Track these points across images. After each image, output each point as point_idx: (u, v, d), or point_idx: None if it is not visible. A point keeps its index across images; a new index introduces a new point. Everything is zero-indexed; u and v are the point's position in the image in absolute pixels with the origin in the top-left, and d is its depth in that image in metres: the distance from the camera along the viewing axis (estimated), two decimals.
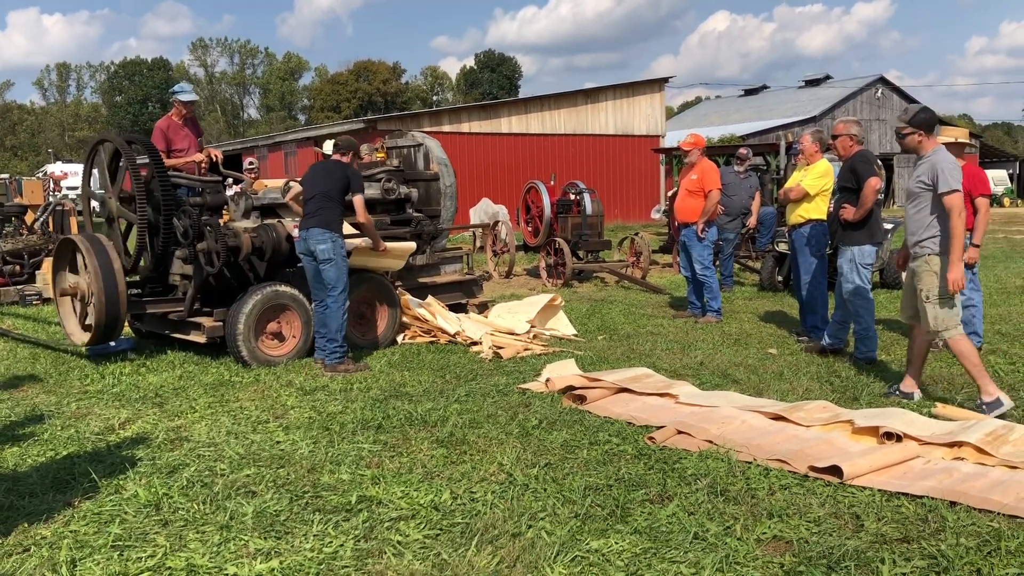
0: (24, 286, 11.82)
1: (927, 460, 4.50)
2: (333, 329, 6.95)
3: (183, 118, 8.80)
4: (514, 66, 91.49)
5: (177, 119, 8.75)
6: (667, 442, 4.91)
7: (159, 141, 8.51)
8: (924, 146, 5.72)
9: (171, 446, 5.06)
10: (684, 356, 7.44)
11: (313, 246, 6.90)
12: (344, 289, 7.00)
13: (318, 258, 6.91)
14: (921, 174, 5.69)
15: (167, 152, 8.47)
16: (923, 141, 5.72)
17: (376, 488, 4.26)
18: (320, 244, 6.88)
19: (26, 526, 3.88)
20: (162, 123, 8.78)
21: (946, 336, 5.63)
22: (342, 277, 6.98)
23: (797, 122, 38.71)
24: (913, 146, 5.78)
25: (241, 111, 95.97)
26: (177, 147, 8.62)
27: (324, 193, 6.99)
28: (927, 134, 5.72)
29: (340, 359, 6.97)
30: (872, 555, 3.42)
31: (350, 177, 7.11)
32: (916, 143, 5.74)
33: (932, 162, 5.62)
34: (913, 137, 5.74)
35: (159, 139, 8.55)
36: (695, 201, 9.29)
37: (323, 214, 6.95)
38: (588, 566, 3.40)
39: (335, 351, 6.96)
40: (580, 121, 28.90)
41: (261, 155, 34.21)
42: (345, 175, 7.10)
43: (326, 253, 6.89)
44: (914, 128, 5.71)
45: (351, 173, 7.17)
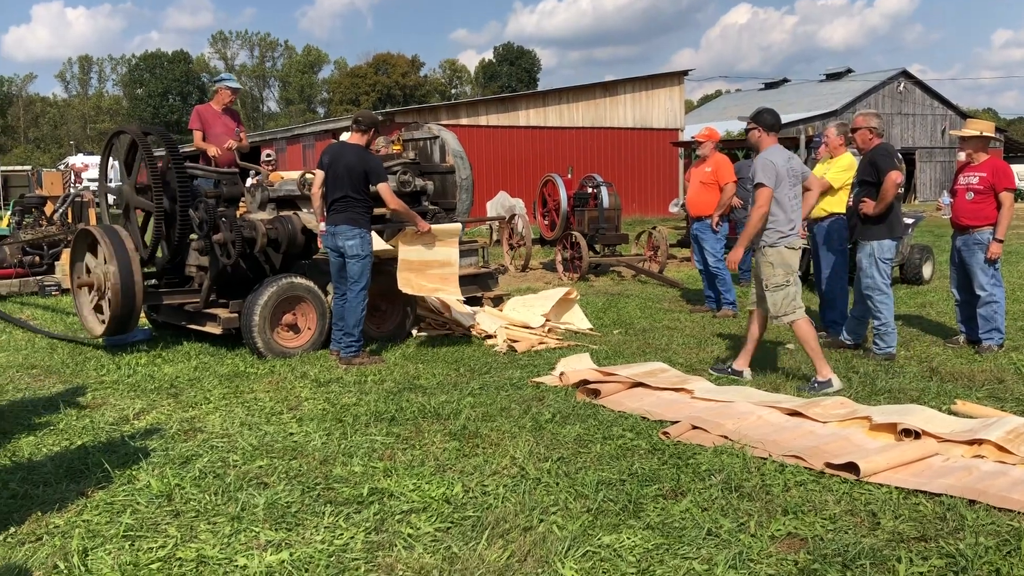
0: (43, 277, 11.91)
1: (946, 458, 4.43)
2: (351, 323, 6.94)
3: (224, 106, 8.90)
4: (533, 59, 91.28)
5: (217, 107, 8.87)
6: (682, 437, 4.86)
7: (195, 121, 8.70)
8: (763, 143, 6.28)
9: (185, 437, 5.07)
10: (700, 351, 7.39)
11: (341, 242, 6.88)
12: (366, 285, 6.96)
13: (346, 254, 6.89)
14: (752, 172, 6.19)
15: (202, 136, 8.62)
16: (762, 138, 6.28)
17: (388, 481, 4.24)
18: (349, 240, 6.85)
19: (39, 515, 3.89)
20: (201, 107, 8.95)
21: (786, 320, 6.15)
22: (366, 273, 6.94)
23: (818, 116, 38.38)
24: (754, 141, 6.40)
25: (261, 104, 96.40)
26: (212, 131, 8.70)
27: (350, 186, 6.89)
28: (766, 132, 6.26)
29: (356, 352, 6.96)
30: (888, 553, 3.37)
31: (368, 170, 6.96)
32: (756, 138, 6.35)
33: (759, 161, 6.15)
34: (754, 132, 6.35)
35: (195, 120, 8.73)
36: (709, 194, 9.23)
37: (350, 210, 6.90)
38: (599, 561, 3.37)
39: (351, 345, 6.95)
40: (598, 114, 28.78)
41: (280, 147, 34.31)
42: (364, 167, 6.96)
43: (354, 249, 6.86)
44: (756, 124, 6.33)
45: (370, 164, 7.01)
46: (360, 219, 6.92)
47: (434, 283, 7.46)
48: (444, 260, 7.48)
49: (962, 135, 7.44)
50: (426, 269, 7.42)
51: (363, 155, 7.05)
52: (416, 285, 7.38)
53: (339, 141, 7.32)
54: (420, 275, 7.39)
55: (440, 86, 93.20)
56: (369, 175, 6.96)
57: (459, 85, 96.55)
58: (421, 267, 7.41)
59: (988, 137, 7.31)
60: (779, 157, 6.14)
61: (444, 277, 7.46)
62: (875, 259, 6.93)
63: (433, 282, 7.45)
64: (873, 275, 6.93)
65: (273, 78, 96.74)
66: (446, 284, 7.48)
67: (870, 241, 6.96)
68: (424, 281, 7.42)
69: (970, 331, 7.41)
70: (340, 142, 7.21)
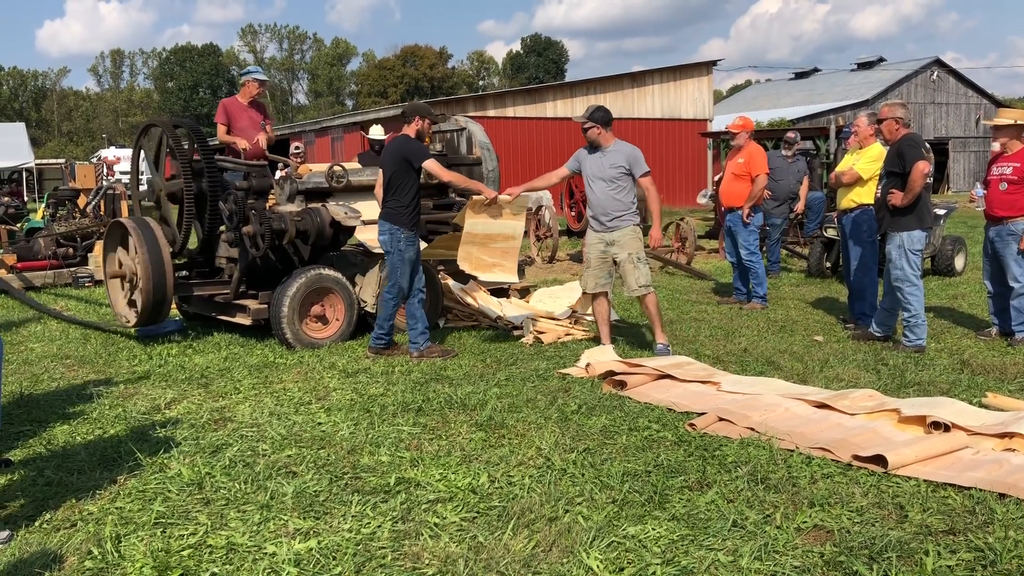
0: (77, 268, 12.09)
1: (976, 451, 4.39)
2: (382, 317, 6.96)
3: (251, 99, 8.84)
4: (561, 50, 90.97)
5: (244, 100, 8.82)
6: (708, 429, 4.86)
7: (221, 115, 8.64)
8: (604, 139, 6.85)
9: (215, 426, 5.14)
10: (728, 343, 7.36)
11: (378, 238, 6.95)
12: (396, 283, 6.84)
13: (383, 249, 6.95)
14: (616, 162, 6.78)
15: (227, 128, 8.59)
16: (602, 134, 6.82)
17: (415, 470, 4.28)
18: (381, 236, 6.89)
19: (74, 502, 3.98)
20: (227, 100, 8.88)
21: (644, 292, 6.83)
22: (398, 270, 6.81)
23: (849, 106, 37.94)
24: (594, 139, 6.85)
25: (290, 96, 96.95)
26: (238, 125, 8.67)
27: (392, 178, 6.84)
28: (605, 128, 6.81)
29: (385, 346, 6.99)
30: (916, 546, 3.35)
31: (407, 155, 6.77)
32: (596, 135, 6.83)
33: (627, 152, 6.80)
34: (593, 131, 6.82)
35: (221, 113, 8.66)
36: (741, 185, 9.16)
37: (387, 206, 6.87)
38: (624, 552, 3.38)
39: (380, 337, 6.96)
40: (626, 105, 28.65)
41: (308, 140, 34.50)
42: (403, 153, 6.79)
43: (385, 245, 6.88)
44: (593, 123, 6.79)
45: (409, 147, 6.83)
46: (393, 215, 6.81)
47: (495, 257, 7.33)
48: (509, 233, 7.33)
49: (995, 124, 7.33)
50: (489, 243, 7.29)
51: (403, 142, 6.92)
52: (476, 260, 7.27)
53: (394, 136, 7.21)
54: (482, 249, 7.27)
55: (468, 78, 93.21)
56: (410, 159, 6.77)
57: (487, 77, 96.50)
58: (485, 240, 7.26)
59: (1022, 126, 7.19)
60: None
61: (505, 251, 7.34)
62: (904, 250, 6.86)
63: (494, 256, 7.32)
64: (903, 266, 6.86)
65: (302, 71, 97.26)
66: (506, 259, 7.35)
67: (899, 232, 6.89)
68: (485, 256, 7.30)
69: (1003, 323, 7.31)
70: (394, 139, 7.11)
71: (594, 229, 7.00)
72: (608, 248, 6.90)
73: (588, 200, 7.04)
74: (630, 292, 6.93)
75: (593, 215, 6.98)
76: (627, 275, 6.85)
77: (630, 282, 6.86)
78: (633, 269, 6.83)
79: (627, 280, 6.88)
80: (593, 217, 6.99)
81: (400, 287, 6.87)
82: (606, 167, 6.84)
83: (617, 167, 6.82)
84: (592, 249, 7.00)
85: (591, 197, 6.96)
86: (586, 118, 6.84)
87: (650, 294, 6.89)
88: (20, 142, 36.14)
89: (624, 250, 6.84)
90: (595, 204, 6.92)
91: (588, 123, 6.82)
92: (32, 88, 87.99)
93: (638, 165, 6.84)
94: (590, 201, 6.99)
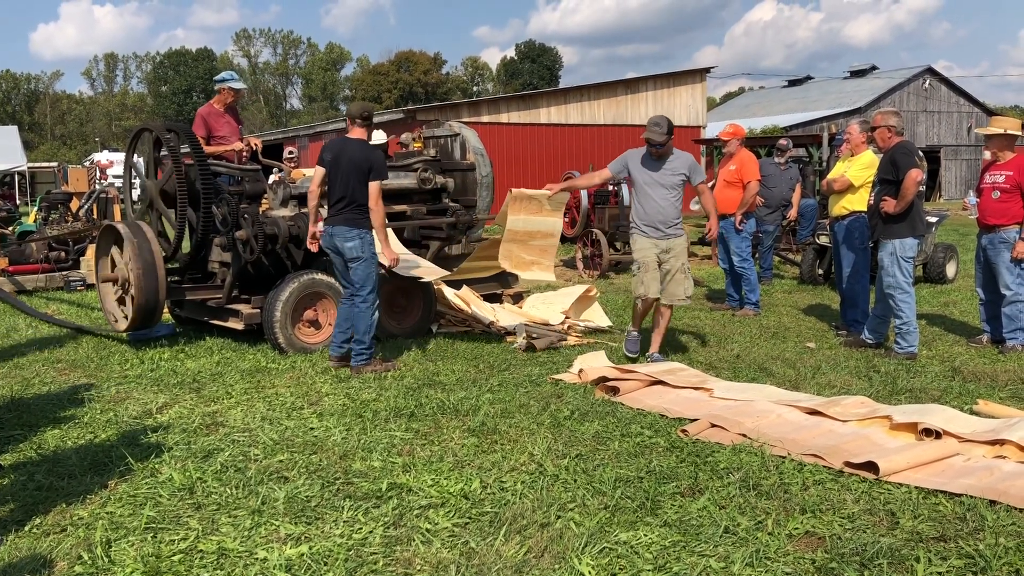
0: (69, 272, 12.05)
1: (967, 458, 4.40)
2: (362, 330, 6.59)
3: (226, 106, 8.82)
4: (555, 56, 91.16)
5: (219, 107, 8.77)
6: (700, 435, 4.86)
7: (199, 127, 8.53)
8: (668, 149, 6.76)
9: (207, 431, 5.12)
10: (720, 349, 7.37)
11: (340, 243, 6.54)
12: (373, 289, 6.61)
13: (345, 256, 6.57)
14: (679, 170, 6.76)
15: (207, 139, 8.51)
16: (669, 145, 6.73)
17: (407, 476, 4.27)
18: (348, 242, 6.52)
19: (64, 506, 3.96)
20: (204, 110, 8.82)
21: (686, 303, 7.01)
22: (372, 276, 6.62)
23: (841, 113, 38.06)
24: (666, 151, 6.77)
25: (284, 101, 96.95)
26: (218, 134, 8.66)
27: (354, 184, 6.52)
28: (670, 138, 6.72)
29: (367, 361, 6.63)
30: (907, 553, 3.36)
31: (372, 166, 6.56)
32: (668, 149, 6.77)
33: (689, 161, 6.82)
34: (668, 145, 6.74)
35: (200, 125, 8.57)
36: (733, 192, 9.18)
37: (350, 209, 6.54)
38: (616, 558, 3.38)
39: (362, 352, 6.61)
40: (620, 111, 28.69)
41: (303, 145, 34.45)
42: (370, 163, 6.56)
43: (354, 251, 6.52)
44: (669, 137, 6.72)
45: (376, 160, 6.63)
46: (360, 219, 6.56)
47: (533, 255, 7.31)
48: (548, 231, 7.35)
49: (987, 133, 7.37)
50: (529, 240, 7.28)
51: (369, 150, 6.69)
52: (516, 258, 7.26)
53: (341, 136, 6.86)
54: (522, 246, 7.26)
55: (462, 83, 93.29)
56: (372, 171, 6.55)
57: (481, 82, 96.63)
58: (526, 237, 7.27)
59: (1013, 135, 7.24)
60: None
61: (544, 249, 7.33)
62: (897, 258, 6.88)
63: (533, 254, 7.31)
64: (895, 274, 6.89)
65: (296, 75, 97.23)
66: (544, 256, 7.35)
67: (891, 240, 6.92)
68: (524, 253, 7.28)
69: (994, 330, 7.34)
70: (343, 137, 6.78)
71: (648, 235, 6.83)
72: (662, 255, 6.82)
73: (639, 207, 6.89)
74: (672, 300, 6.86)
75: (647, 222, 6.82)
76: (676, 284, 6.82)
77: (677, 291, 6.83)
78: (684, 279, 6.83)
79: (674, 289, 6.83)
80: (647, 224, 6.82)
81: (376, 293, 6.68)
82: (668, 175, 6.75)
83: (679, 174, 6.77)
84: (648, 254, 6.82)
85: (645, 204, 6.81)
86: (666, 134, 6.68)
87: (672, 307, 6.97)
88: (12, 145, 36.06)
89: (679, 259, 6.82)
90: (652, 211, 6.78)
91: (666, 138, 6.70)
92: (25, 91, 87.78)
93: (698, 173, 6.86)
94: (643, 208, 6.84)
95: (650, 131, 6.68)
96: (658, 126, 6.66)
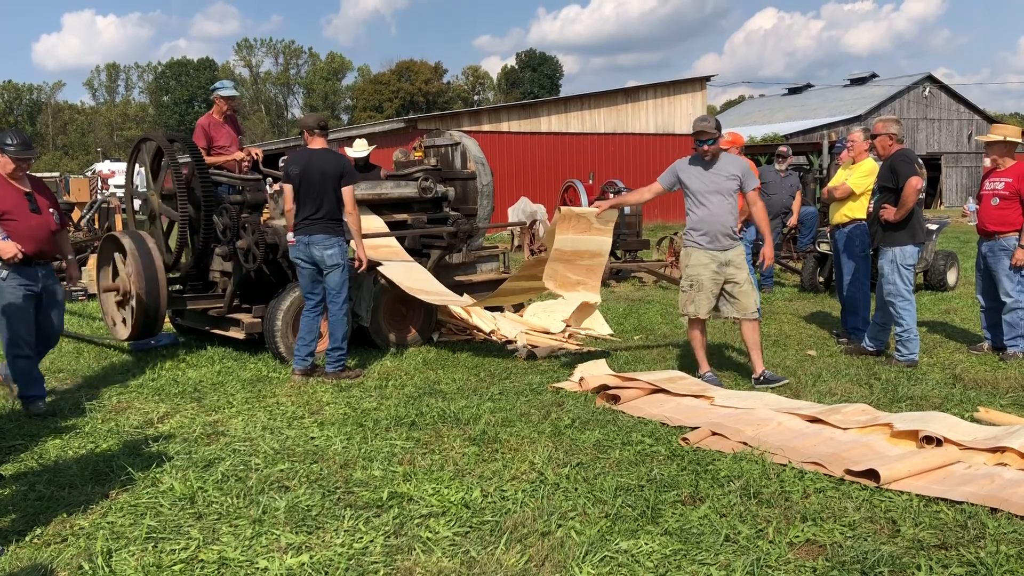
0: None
1: (968, 465, 4.40)
2: (339, 337, 6.69)
3: (224, 115, 8.84)
4: (555, 65, 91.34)
5: (218, 116, 8.80)
6: (701, 443, 4.86)
7: (200, 138, 8.55)
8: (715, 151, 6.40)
9: (207, 440, 5.13)
10: (721, 357, 7.37)
11: (319, 252, 6.55)
12: (348, 296, 6.78)
13: (324, 264, 6.58)
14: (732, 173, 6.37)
15: (208, 149, 8.53)
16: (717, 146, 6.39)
17: (407, 485, 4.27)
18: (328, 250, 6.55)
19: (65, 516, 3.96)
20: (203, 120, 8.84)
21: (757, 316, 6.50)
22: (346, 282, 6.71)
23: (841, 121, 38.15)
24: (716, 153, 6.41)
25: (285, 111, 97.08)
26: (218, 144, 8.68)
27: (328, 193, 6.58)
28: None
29: (343, 367, 6.76)
30: (908, 561, 3.36)
31: (344, 172, 6.64)
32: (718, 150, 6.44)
33: (742, 164, 6.50)
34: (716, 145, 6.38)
35: (200, 136, 8.60)
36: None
37: (329, 220, 6.59)
38: (617, 566, 3.38)
39: (340, 359, 6.72)
40: (620, 120, 28.77)
41: None
42: (341, 169, 6.64)
43: (335, 259, 6.57)
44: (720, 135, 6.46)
45: (347, 166, 6.71)
46: (338, 227, 6.63)
47: (579, 275, 6.94)
48: (596, 250, 6.92)
49: (987, 140, 7.38)
50: (576, 260, 6.88)
51: (336, 157, 6.75)
52: (561, 277, 6.88)
53: (304, 148, 6.87)
54: (569, 266, 6.87)
55: (463, 92, 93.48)
56: (344, 176, 6.64)
57: (481, 91, 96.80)
58: (573, 256, 6.86)
59: (1013, 142, 7.25)
60: None
61: (591, 269, 6.94)
62: (897, 265, 6.89)
63: (579, 274, 6.91)
64: (895, 281, 6.89)
65: (297, 85, 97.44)
66: (591, 276, 6.98)
67: (892, 247, 6.92)
68: (570, 273, 6.90)
69: (995, 337, 7.34)
70: (306, 148, 6.81)
71: (705, 247, 6.37)
72: (722, 268, 6.36)
73: (695, 217, 6.43)
74: (745, 314, 6.41)
75: (704, 232, 6.36)
76: (745, 297, 6.39)
77: (748, 304, 6.39)
78: (751, 291, 6.43)
79: (744, 302, 6.40)
80: (704, 235, 6.37)
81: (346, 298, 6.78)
82: (721, 180, 6.34)
83: (733, 178, 6.36)
84: (704, 270, 6.36)
85: (702, 214, 6.36)
86: (715, 128, 6.34)
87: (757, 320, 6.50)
88: None
89: (742, 270, 6.38)
90: (710, 220, 6.34)
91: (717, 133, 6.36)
92: (27, 102, 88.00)
93: (751, 178, 6.45)
94: (699, 218, 6.38)
95: (697, 126, 6.31)
96: (706, 121, 6.35)
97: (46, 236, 5.85)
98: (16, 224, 5.67)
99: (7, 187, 5.73)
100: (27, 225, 5.71)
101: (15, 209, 5.70)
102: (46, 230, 5.85)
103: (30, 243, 5.67)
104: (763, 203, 6.65)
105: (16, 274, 5.66)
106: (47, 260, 5.95)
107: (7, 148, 5.69)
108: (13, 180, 5.77)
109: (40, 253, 5.79)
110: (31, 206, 5.78)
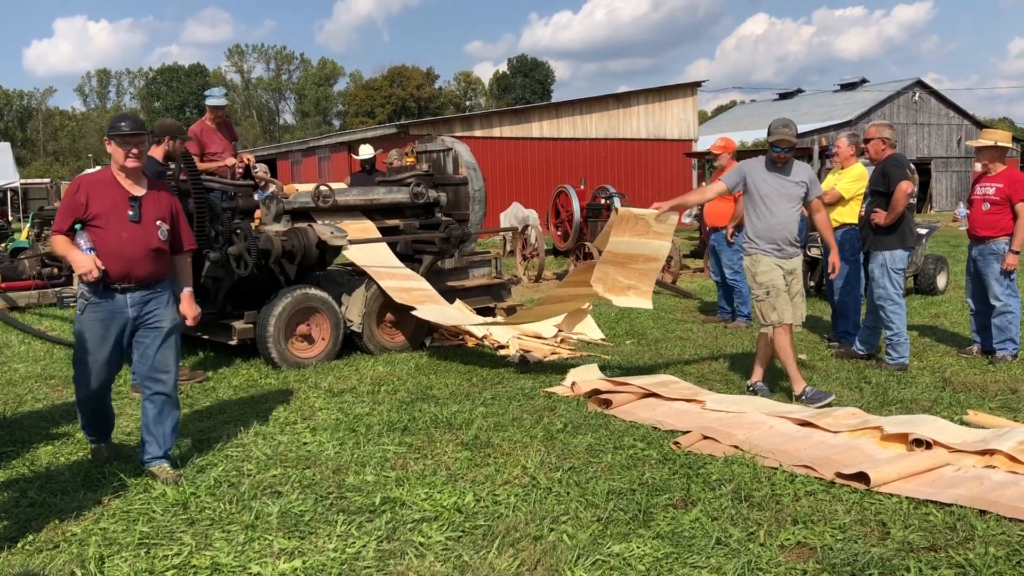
0: (62, 288, 12.02)
1: (957, 468, 4.43)
2: None
3: (216, 122, 8.85)
4: (547, 71, 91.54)
5: (210, 123, 8.81)
6: (692, 447, 4.88)
7: (192, 145, 8.56)
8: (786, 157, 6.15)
9: (200, 446, 5.12)
10: (713, 361, 7.39)
11: None
12: None
13: None
14: (801, 179, 6.15)
15: (200, 156, 8.52)
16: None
17: (400, 490, 4.28)
18: None
19: (57, 523, 3.95)
20: (196, 127, 8.84)
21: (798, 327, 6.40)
22: None
23: (832, 126, 38.26)
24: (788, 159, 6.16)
25: (277, 116, 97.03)
26: (211, 151, 8.68)
27: None
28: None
29: None
30: (898, 563, 3.38)
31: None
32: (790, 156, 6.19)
33: (808, 171, 6.23)
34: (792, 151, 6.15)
35: (193, 145, 8.60)
36: (725, 205, 9.22)
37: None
38: (609, 570, 3.39)
39: None
40: (612, 125, 28.87)
41: (295, 160, 34.54)
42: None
43: None
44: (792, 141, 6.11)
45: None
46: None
47: (631, 279, 6.53)
48: (652, 254, 6.52)
49: (977, 145, 7.43)
50: (629, 263, 6.49)
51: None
52: (612, 281, 6.51)
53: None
54: (620, 269, 6.50)
55: (455, 98, 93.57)
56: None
57: (473, 97, 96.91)
58: (626, 260, 6.49)
59: (1003, 147, 7.30)
60: None
61: (644, 273, 6.55)
62: (887, 269, 6.93)
63: (631, 278, 6.52)
64: (885, 285, 6.93)
65: (289, 91, 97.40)
66: (643, 281, 6.56)
67: (882, 251, 6.97)
68: (621, 277, 6.52)
69: (984, 341, 7.38)
70: None
71: (772, 254, 6.14)
72: (785, 278, 6.18)
73: (758, 223, 6.18)
74: (797, 322, 6.29)
75: (772, 239, 6.13)
76: (799, 307, 6.27)
77: (798, 315, 6.27)
78: (802, 301, 6.29)
79: (798, 312, 6.28)
80: (770, 242, 6.14)
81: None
82: (791, 185, 6.14)
83: (801, 184, 6.15)
84: (776, 276, 6.13)
85: (770, 220, 6.11)
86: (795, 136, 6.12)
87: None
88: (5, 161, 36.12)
89: (799, 280, 6.24)
90: (778, 227, 6.11)
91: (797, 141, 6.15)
92: (18, 108, 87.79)
93: (817, 186, 6.26)
94: (767, 226, 6.13)
95: (779, 133, 6.04)
96: (787, 127, 6.08)
97: (140, 255, 4.48)
98: (103, 234, 4.42)
99: (109, 185, 4.52)
100: (117, 236, 4.43)
101: (108, 214, 4.44)
102: (142, 247, 4.48)
103: (115, 261, 4.41)
104: (826, 212, 6.52)
105: (97, 297, 4.46)
106: (142, 285, 4.54)
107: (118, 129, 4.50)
108: (128, 178, 4.55)
109: (127, 276, 4.47)
110: (132, 214, 4.47)
